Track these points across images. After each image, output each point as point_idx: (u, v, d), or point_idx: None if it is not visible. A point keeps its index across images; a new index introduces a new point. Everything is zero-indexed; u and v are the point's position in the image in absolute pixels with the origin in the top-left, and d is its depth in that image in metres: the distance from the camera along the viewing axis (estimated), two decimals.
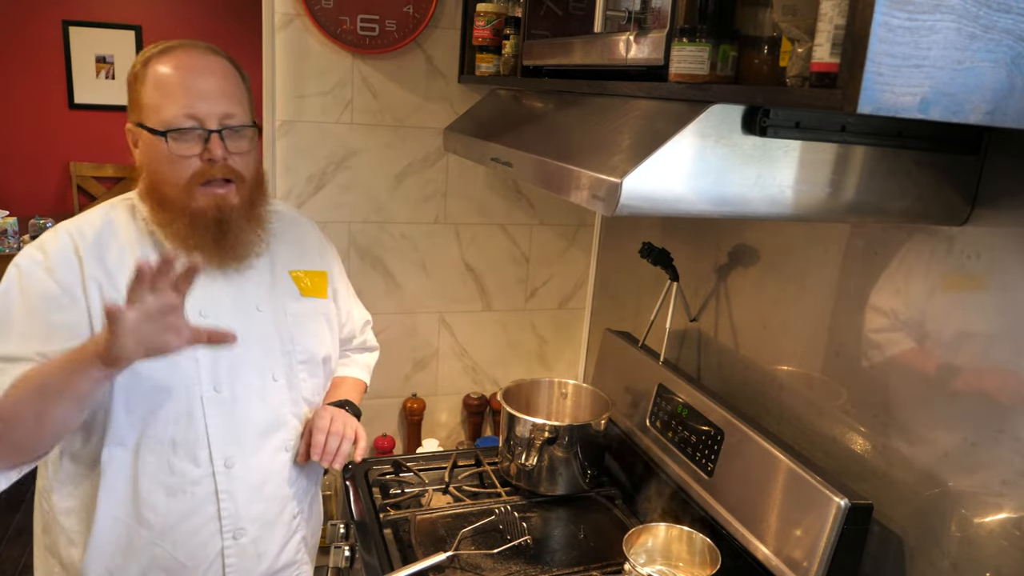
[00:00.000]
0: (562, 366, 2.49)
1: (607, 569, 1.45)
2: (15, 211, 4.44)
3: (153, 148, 1.20)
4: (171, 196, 1.20)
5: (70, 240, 1.20)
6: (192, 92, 1.18)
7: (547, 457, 1.64)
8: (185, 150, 1.18)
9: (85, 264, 1.19)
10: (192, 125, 1.18)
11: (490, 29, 1.83)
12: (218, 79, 1.21)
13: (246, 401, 1.27)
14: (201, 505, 1.24)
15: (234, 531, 1.27)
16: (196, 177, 1.19)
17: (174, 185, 1.20)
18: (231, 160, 1.21)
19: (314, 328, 1.40)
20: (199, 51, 1.23)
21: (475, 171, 2.20)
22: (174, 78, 1.19)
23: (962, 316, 1.13)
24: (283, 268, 1.38)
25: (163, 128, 1.17)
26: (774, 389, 1.53)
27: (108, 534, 1.22)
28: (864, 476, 1.30)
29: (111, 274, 1.20)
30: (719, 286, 1.69)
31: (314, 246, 1.48)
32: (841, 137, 1.00)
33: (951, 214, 1.11)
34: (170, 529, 1.23)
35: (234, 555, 1.27)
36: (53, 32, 4.77)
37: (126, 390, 1.18)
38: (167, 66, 1.20)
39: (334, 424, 1.34)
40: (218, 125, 1.19)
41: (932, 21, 0.77)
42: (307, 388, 1.37)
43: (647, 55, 1.13)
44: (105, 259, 1.20)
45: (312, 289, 1.42)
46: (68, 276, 1.18)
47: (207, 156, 1.19)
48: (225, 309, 1.27)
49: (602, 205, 0.99)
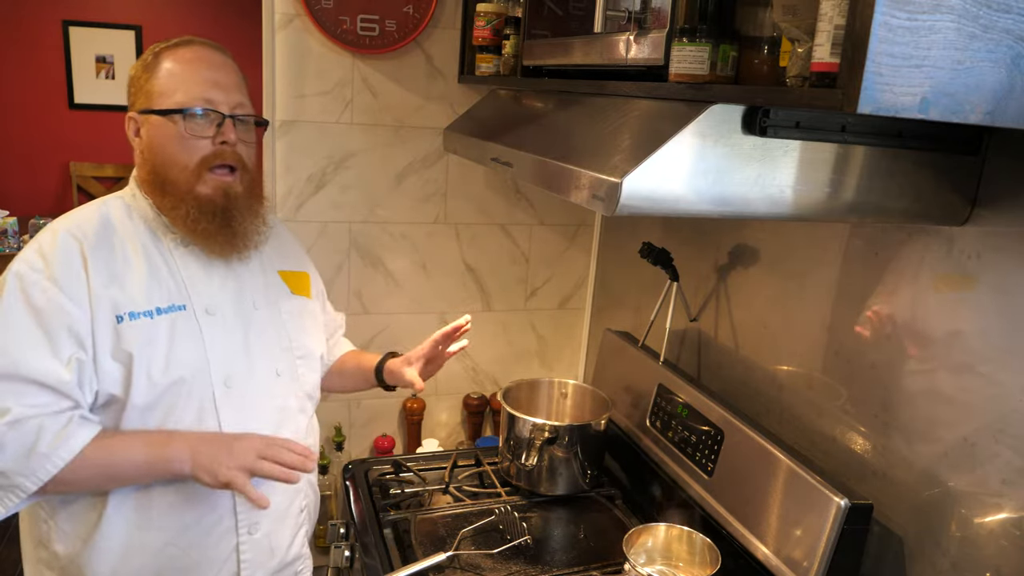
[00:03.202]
0: (562, 366, 2.49)
1: (607, 569, 1.45)
2: (15, 211, 4.44)
3: (162, 130, 1.20)
4: (178, 179, 1.21)
5: (72, 241, 1.18)
6: (207, 80, 1.22)
7: (547, 457, 1.64)
8: (199, 131, 1.20)
9: (91, 270, 1.16)
10: (210, 108, 1.21)
11: (490, 29, 1.83)
12: (231, 73, 1.26)
13: (255, 397, 1.28)
14: (216, 502, 1.24)
15: (249, 526, 1.27)
16: (206, 160, 1.21)
17: (183, 167, 1.20)
18: (239, 148, 1.24)
19: (307, 325, 1.43)
20: (211, 48, 1.27)
21: (475, 171, 2.20)
22: (188, 68, 1.22)
23: (962, 316, 1.13)
24: (272, 268, 1.40)
25: (178, 108, 1.19)
26: (774, 389, 1.53)
27: (119, 538, 1.20)
28: (864, 476, 1.30)
29: (117, 275, 1.18)
30: (719, 286, 1.69)
31: (294, 248, 1.51)
32: (841, 137, 1.00)
33: (951, 214, 1.11)
34: (185, 528, 1.22)
35: (249, 550, 1.27)
36: (53, 32, 4.77)
37: (143, 392, 1.17)
38: (180, 57, 1.23)
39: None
40: (230, 112, 1.23)
41: (932, 21, 0.77)
42: (308, 383, 1.39)
43: (647, 55, 1.13)
44: (108, 259, 1.19)
45: (299, 289, 1.45)
46: (73, 283, 1.15)
47: (220, 139, 1.21)
48: (227, 307, 1.28)
49: (602, 205, 0.99)
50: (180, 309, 1.22)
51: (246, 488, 1.14)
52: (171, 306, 1.21)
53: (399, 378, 1.50)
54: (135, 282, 1.19)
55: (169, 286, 1.22)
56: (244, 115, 1.25)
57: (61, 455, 1.10)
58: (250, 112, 1.27)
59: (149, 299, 1.19)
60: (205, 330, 1.23)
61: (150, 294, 1.20)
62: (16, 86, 4.77)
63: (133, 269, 1.20)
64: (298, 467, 1.17)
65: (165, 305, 1.21)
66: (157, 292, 1.21)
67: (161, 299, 1.21)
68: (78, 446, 1.11)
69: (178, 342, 1.20)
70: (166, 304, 1.21)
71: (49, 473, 1.10)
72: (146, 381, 1.16)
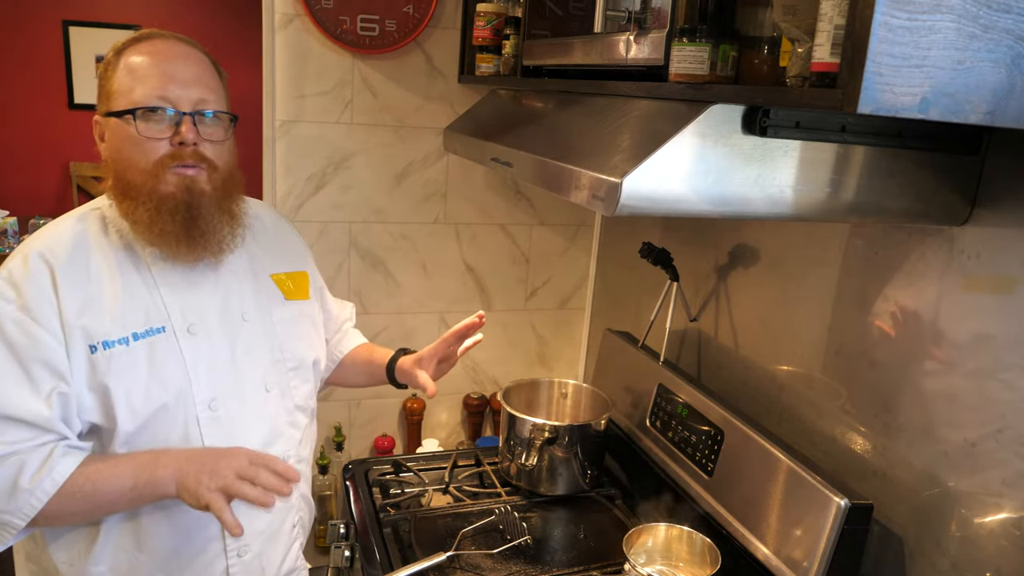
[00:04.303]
0: (562, 366, 2.49)
1: (607, 569, 1.45)
2: (15, 211, 4.44)
3: (119, 132, 1.13)
4: (137, 182, 1.12)
5: (43, 265, 1.10)
6: (165, 76, 1.13)
7: (547, 457, 1.64)
8: (155, 131, 1.11)
9: (62, 297, 1.09)
10: (163, 106, 1.12)
11: (490, 29, 1.83)
12: (193, 66, 1.16)
13: (242, 417, 1.23)
14: (204, 527, 1.20)
15: (238, 548, 1.24)
16: (164, 160, 1.12)
17: (140, 170, 1.12)
18: (202, 146, 1.14)
19: (301, 332, 1.36)
20: (174, 40, 1.18)
21: (475, 171, 2.20)
22: (147, 63, 1.13)
23: (962, 316, 1.13)
24: (264, 272, 1.33)
25: (131, 107, 1.11)
26: (774, 389, 1.53)
27: (109, 563, 1.18)
28: (864, 476, 1.30)
29: (91, 300, 1.12)
30: (719, 286, 1.69)
31: (293, 246, 1.43)
32: (841, 137, 1.00)
33: (951, 214, 1.11)
34: (174, 553, 1.19)
35: (239, 572, 1.25)
36: (53, 32, 4.77)
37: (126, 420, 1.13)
38: (140, 53, 1.14)
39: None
40: (191, 109, 1.13)
41: (932, 21, 0.77)
42: (299, 395, 1.34)
43: (647, 55, 1.13)
44: (83, 283, 1.12)
45: (296, 291, 1.37)
46: (46, 312, 1.08)
47: (177, 139, 1.12)
48: (212, 322, 1.21)
49: (602, 205, 0.99)
50: (159, 332, 1.15)
51: (223, 513, 1.07)
52: (148, 330, 1.15)
53: (411, 379, 1.44)
54: (110, 307, 1.13)
55: (148, 307, 1.15)
56: (207, 111, 1.14)
57: (45, 488, 1.06)
58: (217, 108, 1.16)
59: (124, 325, 1.13)
60: (187, 352, 1.17)
61: (125, 319, 1.13)
62: (16, 86, 4.77)
63: (107, 292, 1.13)
64: (275, 490, 1.10)
65: (142, 329, 1.14)
66: (133, 316, 1.14)
67: (137, 323, 1.14)
68: (61, 478, 1.07)
69: (158, 368, 1.14)
70: (143, 328, 1.14)
71: (34, 508, 1.06)
72: (127, 411, 1.12)
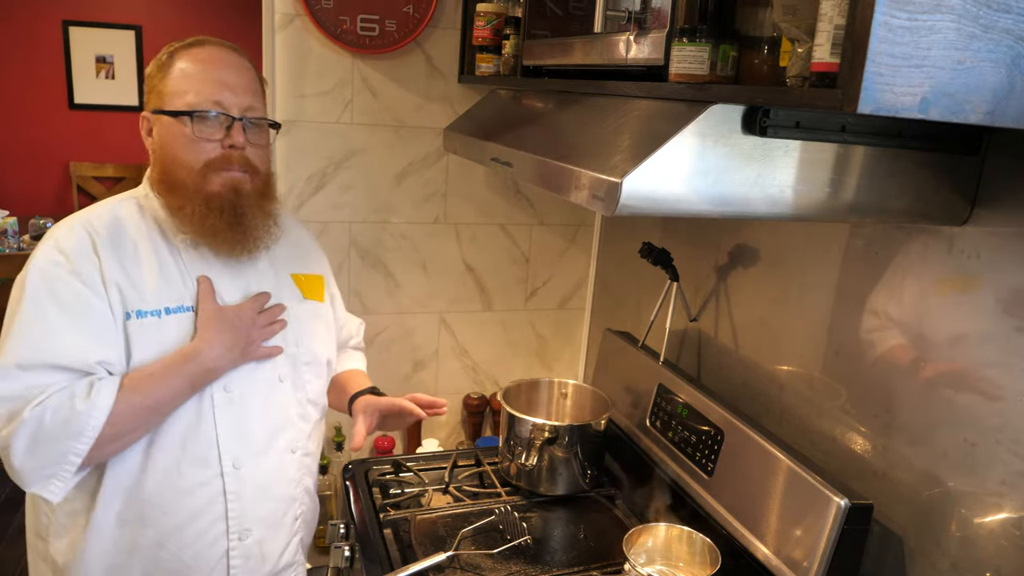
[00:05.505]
0: (562, 366, 2.49)
1: (607, 569, 1.45)
2: (15, 211, 4.43)
3: (172, 130, 1.20)
4: (185, 180, 1.20)
5: (86, 234, 1.19)
6: (219, 82, 1.21)
7: (547, 457, 1.64)
8: (207, 133, 1.20)
9: (103, 261, 1.17)
10: (218, 111, 1.20)
11: (490, 29, 1.83)
12: (243, 74, 1.25)
13: (254, 402, 1.27)
14: (208, 506, 1.23)
15: (240, 532, 1.26)
16: (213, 163, 1.20)
17: (190, 169, 1.20)
18: (248, 151, 1.23)
19: (317, 331, 1.41)
20: (226, 48, 1.26)
21: (475, 171, 2.20)
22: (201, 69, 1.21)
23: (962, 316, 1.13)
24: (284, 271, 1.39)
25: (188, 109, 1.19)
26: (774, 389, 1.53)
27: (111, 534, 1.21)
28: (864, 476, 1.30)
29: (128, 272, 1.19)
30: (719, 286, 1.69)
31: (310, 250, 1.50)
32: (841, 137, 1.00)
33: (951, 214, 1.11)
34: (176, 530, 1.22)
35: (239, 556, 1.27)
36: (53, 32, 4.77)
37: None
38: (194, 58, 1.22)
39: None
40: (240, 114, 1.22)
41: (932, 21, 0.77)
42: (312, 389, 1.38)
43: (647, 55, 1.13)
44: (120, 255, 1.19)
45: (312, 292, 1.43)
46: (92, 275, 1.16)
47: (228, 142, 1.20)
48: None
49: (602, 205, 0.99)
50: (187, 311, 1.22)
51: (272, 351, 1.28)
52: (179, 307, 1.22)
53: (354, 422, 1.43)
54: (146, 280, 1.20)
55: (178, 287, 1.22)
56: (255, 118, 1.24)
57: (100, 405, 1.11)
58: (262, 115, 1.26)
59: (159, 298, 1.20)
60: None
61: (160, 293, 1.20)
62: (16, 86, 4.77)
63: (144, 267, 1.20)
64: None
65: (174, 305, 1.21)
66: (167, 292, 1.21)
67: (170, 299, 1.21)
68: (112, 392, 1.12)
69: (182, 344, 1.20)
70: (175, 304, 1.21)
71: (96, 428, 1.10)
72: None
